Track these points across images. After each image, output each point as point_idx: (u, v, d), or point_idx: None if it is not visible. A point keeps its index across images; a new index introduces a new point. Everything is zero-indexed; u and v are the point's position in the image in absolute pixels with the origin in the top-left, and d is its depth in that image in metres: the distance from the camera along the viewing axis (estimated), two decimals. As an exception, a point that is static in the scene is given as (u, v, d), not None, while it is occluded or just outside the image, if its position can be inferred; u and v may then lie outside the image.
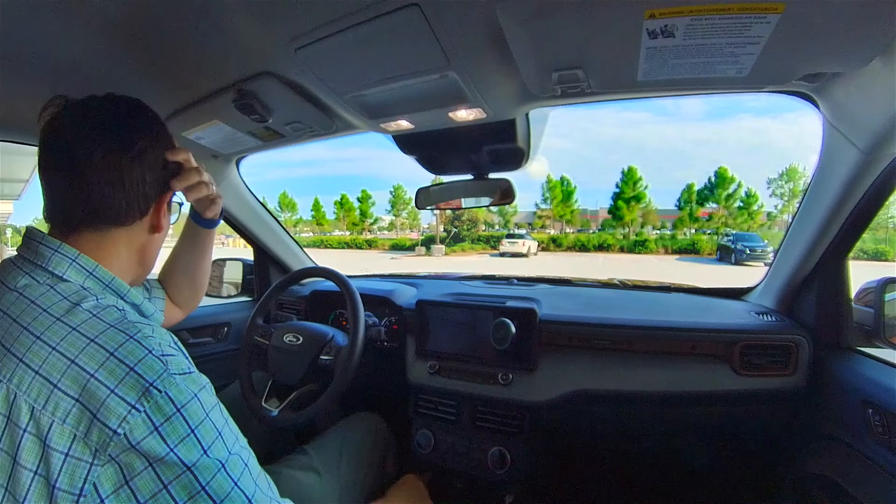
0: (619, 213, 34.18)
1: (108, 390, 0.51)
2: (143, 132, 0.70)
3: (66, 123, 0.66)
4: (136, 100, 0.73)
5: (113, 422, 0.50)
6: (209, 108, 1.18)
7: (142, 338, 0.56)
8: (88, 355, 0.53)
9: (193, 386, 0.56)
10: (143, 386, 0.52)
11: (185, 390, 0.55)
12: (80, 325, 0.56)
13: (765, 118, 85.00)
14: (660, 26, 0.72)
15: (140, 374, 0.53)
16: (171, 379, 0.54)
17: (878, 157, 0.94)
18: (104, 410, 0.50)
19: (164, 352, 0.57)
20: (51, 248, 0.63)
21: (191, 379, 0.57)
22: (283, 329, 1.35)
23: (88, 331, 0.55)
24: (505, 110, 1.13)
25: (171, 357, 0.57)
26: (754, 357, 1.25)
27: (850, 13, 0.66)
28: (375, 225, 45.27)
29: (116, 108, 0.70)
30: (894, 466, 0.93)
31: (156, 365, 0.54)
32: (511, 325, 1.35)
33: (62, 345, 0.54)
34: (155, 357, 0.55)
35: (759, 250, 21.53)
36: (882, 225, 30.15)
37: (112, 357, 0.53)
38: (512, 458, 1.36)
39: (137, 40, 0.88)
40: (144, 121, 0.72)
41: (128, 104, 0.71)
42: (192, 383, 0.57)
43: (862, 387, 1.06)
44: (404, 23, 0.77)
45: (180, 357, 0.59)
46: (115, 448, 0.50)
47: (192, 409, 0.54)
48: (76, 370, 0.52)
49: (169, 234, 0.82)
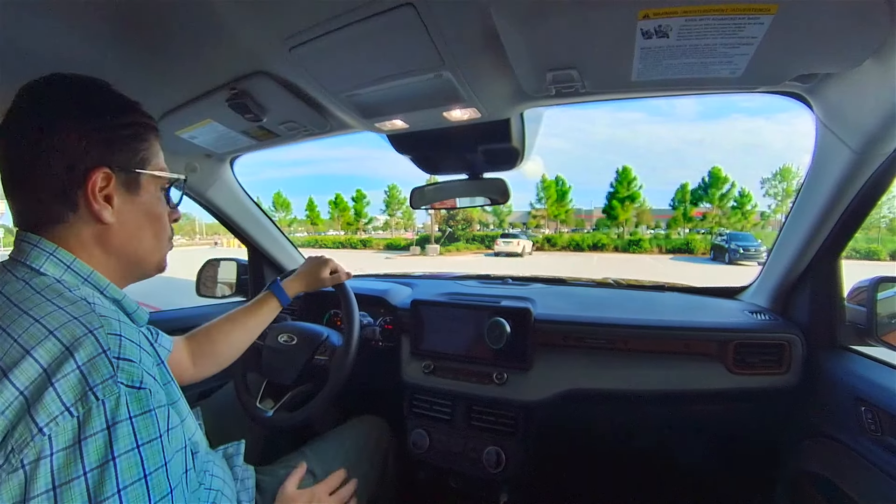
0: (614, 213, 34.48)
1: (50, 385, 0.47)
2: (46, 113, 0.62)
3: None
4: (54, 75, 0.64)
5: (42, 419, 0.46)
6: (203, 108, 1.17)
7: (102, 334, 0.52)
8: (45, 348, 0.49)
9: (136, 406, 0.51)
10: (83, 388, 0.48)
11: (122, 406, 0.49)
12: (44, 317, 0.53)
13: (758, 118, 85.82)
14: (654, 27, 0.72)
15: (85, 374, 0.49)
16: (114, 388, 0.49)
17: (870, 156, 0.95)
18: (37, 405, 0.46)
19: (121, 354, 0.52)
20: (30, 244, 0.62)
21: (137, 396, 0.51)
22: (278, 329, 1.34)
23: (51, 322, 0.52)
24: (499, 110, 1.13)
25: (126, 364, 0.52)
26: (748, 356, 1.25)
27: (842, 15, 0.67)
28: (370, 224, 45.37)
29: (30, 93, 0.63)
30: (887, 463, 0.93)
31: (104, 368, 0.50)
32: (506, 324, 1.35)
33: (23, 336, 0.51)
34: (107, 358, 0.50)
35: (753, 250, 21.65)
36: (874, 224, 30.55)
37: (66, 350, 0.49)
38: (507, 458, 1.36)
39: (130, 38, 0.87)
40: (53, 100, 0.63)
41: (45, 83, 0.64)
42: (137, 402, 0.51)
43: (855, 385, 1.07)
44: (399, 22, 0.77)
45: (137, 367, 0.53)
46: (32, 452, 0.45)
47: (122, 433, 0.49)
48: (29, 361, 0.49)
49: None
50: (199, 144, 1.42)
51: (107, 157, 0.64)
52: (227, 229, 1.89)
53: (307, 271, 1.28)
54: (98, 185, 0.63)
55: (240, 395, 1.29)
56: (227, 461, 0.92)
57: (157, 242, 0.74)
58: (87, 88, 0.66)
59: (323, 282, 1.29)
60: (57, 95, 0.63)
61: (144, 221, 0.71)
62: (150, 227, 0.72)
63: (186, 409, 0.67)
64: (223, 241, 28.68)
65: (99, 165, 0.63)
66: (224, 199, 1.74)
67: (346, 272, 1.35)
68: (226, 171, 1.69)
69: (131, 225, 0.68)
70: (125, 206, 0.67)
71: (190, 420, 0.68)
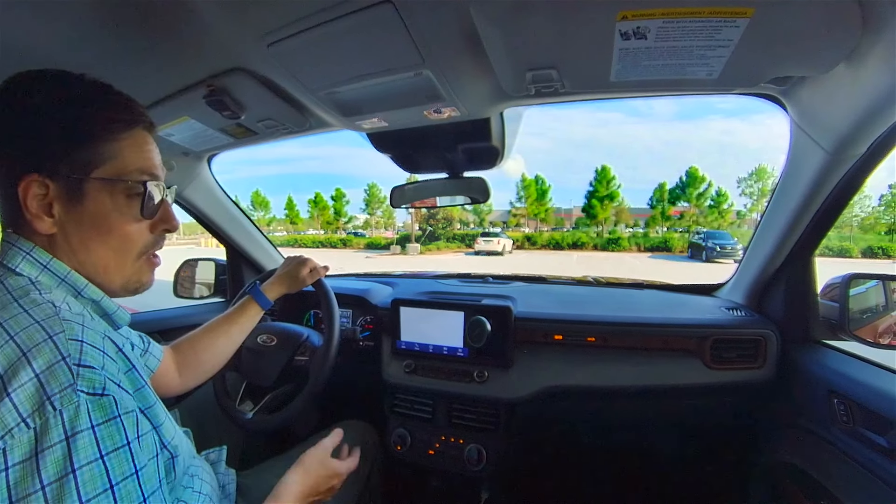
0: (593, 212, 34.82)
1: (6, 395, 0.45)
2: None
3: None
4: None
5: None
6: (179, 104, 1.14)
7: (63, 339, 0.49)
8: (4, 353, 0.47)
9: (98, 414, 0.48)
10: (40, 398, 0.45)
11: (83, 416, 0.46)
12: (8, 320, 0.50)
13: (734, 119, 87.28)
14: (632, 28, 0.73)
15: (42, 382, 0.46)
16: (73, 396, 0.46)
17: (842, 157, 0.97)
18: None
19: (82, 360, 0.49)
20: (10, 243, 0.60)
21: (100, 404, 0.48)
22: (258, 330, 1.32)
23: (13, 326, 0.49)
24: (479, 109, 1.13)
25: (87, 371, 0.49)
26: (724, 351, 1.28)
27: (816, 21, 0.68)
28: (350, 224, 44.99)
29: None
30: (858, 452, 0.97)
31: (63, 375, 0.47)
32: (486, 323, 1.36)
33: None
34: (66, 365, 0.48)
35: (729, 248, 21.96)
36: (847, 223, 31.45)
37: (23, 357, 0.47)
38: (488, 455, 1.37)
39: (103, 32, 0.85)
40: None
41: None
42: (100, 410, 0.48)
43: (828, 378, 1.10)
44: (378, 20, 0.76)
45: (99, 374, 0.50)
46: None
47: (82, 443, 0.46)
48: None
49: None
50: (176, 142, 1.39)
51: (41, 161, 0.59)
52: (205, 229, 1.86)
53: (286, 273, 1.26)
54: (34, 193, 0.58)
55: (219, 397, 1.27)
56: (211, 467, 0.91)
57: (117, 258, 0.66)
58: (20, 85, 0.60)
59: (303, 281, 1.27)
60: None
61: (92, 234, 0.63)
62: (99, 239, 0.63)
63: (164, 413, 0.64)
64: (202, 241, 28.12)
65: (28, 172, 0.58)
66: (202, 199, 1.71)
67: (325, 266, 1.33)
68: (203, 170, 1.66)
69: (75, 238, 0.62)
70: (68, 217, 0.61)
71: (168, 423, 0.65)
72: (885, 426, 0.91)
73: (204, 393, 1.38)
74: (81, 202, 0.61)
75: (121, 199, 0.64)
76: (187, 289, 1.91)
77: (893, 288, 1.18)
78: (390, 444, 1.48)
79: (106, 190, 0.62)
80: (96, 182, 0.61)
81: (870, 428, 0.95)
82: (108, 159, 0.62)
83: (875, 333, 1.13)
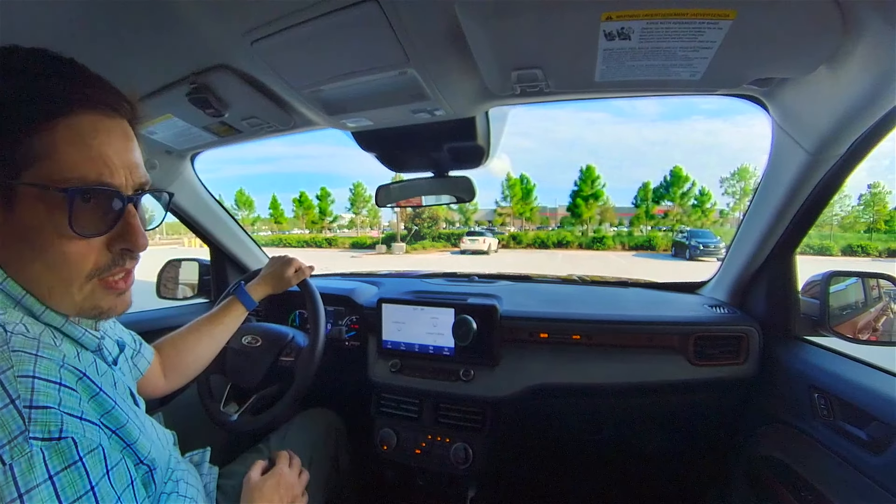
0: (578, 211, 35.04)
1: None
2: None
3: None
4: None
5: None
6: (162, 102, 1.12)
7: (10, 378, 0.43)
8: None
9: (56, 461, 0.42)
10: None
11: (37, 467, 0.40)
12: None
13: (717, 120, 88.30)
14: (616, 28, 0.73)
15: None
16: (24, 446, 0.40)
17: (823, 158, 0.98)
18: None
19: (34, 401, 0.43)
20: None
21: (56, 449, 0.42)
22: (242, 331, 1.31)
23: None
24: (465, 108, 1.13)
25: (41, 413, 0.43)
26: (708, 347, 1.30)
27: (797, 23, 0.69)
28: (335, 223, 44.68)
29: None
30: (837, 445, 0.99)
31: (12, 422, 0.41)
32: (472, 321, 1.36)
33: None
34: (16, 409, 0.42)
35: (712, 246, 22.21)
36: (827, 222, 32.15)
37: None
38: (474, 453, 1.37)
39: (85, 27, 0.83)
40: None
41: None
42: (57, 456, 0.42)
43: (808, 373, 1.12)
44: (363, 18, 0.76)
45: (55, 414, 0.44)
46: None
47: (39, 497, 0.40)
48: None
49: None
50: (159, 140, 1.37)
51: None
52: (189, 228, 1.83)
53: (271, 273, 1.25)
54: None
55: (203, 399, 1.26)
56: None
57: (59, 280, 0.54)
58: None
59: (288, 281, 1.26)
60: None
61: (22, 247, 0.52)
62: (33, 256, 0.53)
63: (138, 429, 0.58)
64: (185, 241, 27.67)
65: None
66: (185, 198, 1.68)
67: (310, 266, 1.32)
68: (186, 169, 1.63)
69: (10, 251, 0.52)
70: (1, 227, 0.51)
71: (143, 438, 0.58)
72: (864, 419, 0.93)
73: (189, 395, 1.37)
74: (12, 209, 0.50)
75: (57, 209, 0.51)
76: (170, 290, 1.88)
77: (872, 285, 1.21)
78: (377, 445, 1.47)
79: (38, 197, 0.50)
80: (29, 185, 0.50)
81: (849, 421, 0.97)
82: (39, 157, 0.50)
83: (854, 329, 1.16)
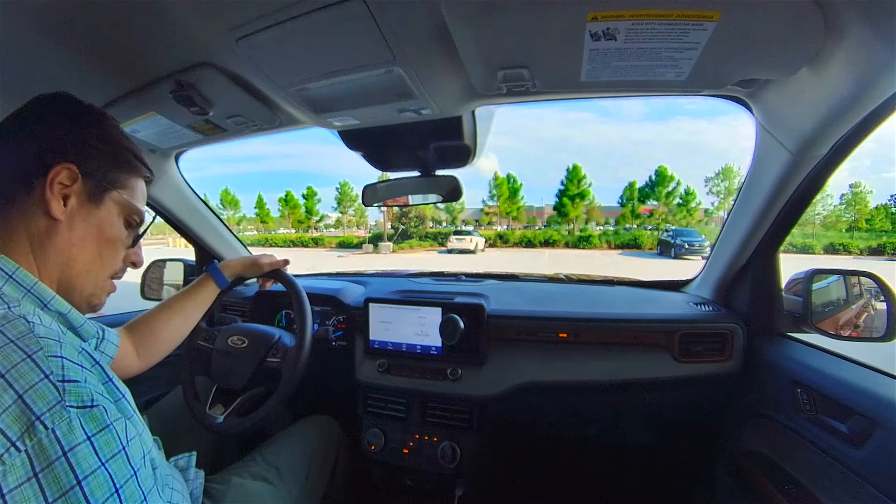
0: (564, 210, 35.14)
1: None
2: (43, 110, 0.66)
3: None
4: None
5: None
6: (146, 99, 1.11)
7: (42, 357, 0.48)
8: None
9: (91, 424, 0.48)
10: (28, 419, 0.44)
11: (76, 429, 0.46)
12: None
13: (701, 120, 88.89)
14: (602, 29, 0.74)
15: (28, 403, 0.45)
16: (63, 413, 0.46)
17: (806, 158, 1.00)
18: None
19: (66, 376, 0.49)
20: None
21: (91, 415, 0.48)
22: (228, 332, 1.29)
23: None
24: (451, 107, 1.13)
25: (73, 385, 0.49)
26: (693, 345, 1.31)
27: (780, 25, 0.70)
28: (322, 222, 44.28)
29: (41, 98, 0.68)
30: (819, 439, 1.01)
31: (49, 393, 0.46)
32: (459, 321, 1.35)
33: None
34: (51, 383, 0.47)
35: (697, 245, 22.38)
36: (809, 221, 32.71)
37: (1, 379, 0.45)
38: (462, 452, 1.37)
39: (69, 24, 0.82)
40: (57, 103, 0.68)
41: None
42: (91, 421, 0.48)
43: (791, 368, 1.14)
44: (348, 16, 0.76)
45: (84, 387, 0.50)
46: None
47: (82, 455, 0.46)
48: None
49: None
50: (142, 139, 1.35)
51: (81, 160, 0.64)
52: (173, 228, 1.81)
53: (245, 257, 1.26)
54: (59, 179, 0.62)
55: (188, 401, 1.24)
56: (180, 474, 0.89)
57: (99, 266, 0.70)
58: (91, 109, 0.70)
59: (261, 267, 1.25)
60: (59, 104, 0.67)
61: (94, 235, 0.68)
62: (96, 244, 0.68)
63: (142, 424, 0.63)
64: (170, 241, 27.26)
65: (70, 162, 0.63)
66: (169, 197, 1.66)
67: (284, 259, 1.31)
68: (171, 167, 1.61)
69: (78, 231, 0.66)
70: (79, 212, 0.66)
71: (146, 435, 0.64)
72: (845, 413, 0.95)
73: (173, 398, 1.35)
74: (97, 207, 0.68)
75: (122, 221, 0.72)
76: (155, 290, 1.85)
77: (853, 282, 1.23)
78: (364, 444, 1.47)
79: (117, 208, 0.71)
80: (114, 197, 0.70)
81: (831, 415, 0.99)
82: (128, 188, 0.72)
83: (836, 326, 1.18)
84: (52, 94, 0.67)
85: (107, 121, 0.71)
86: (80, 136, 0.66)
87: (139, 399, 1.19)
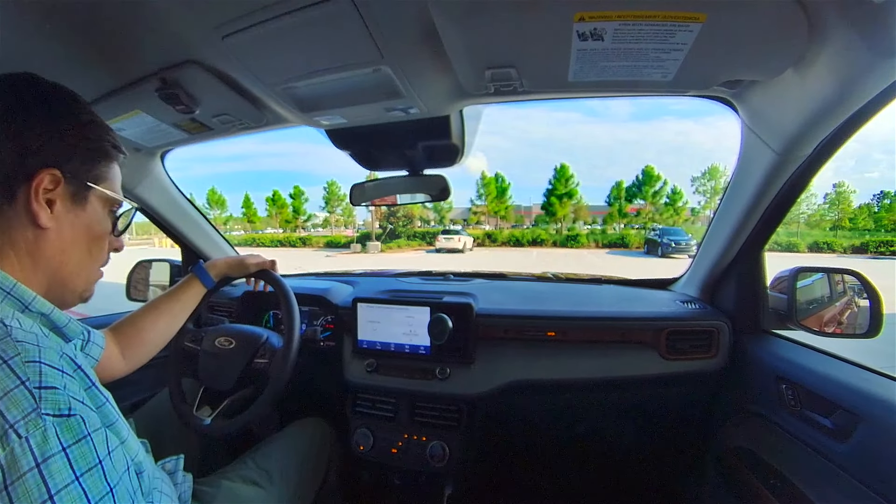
0: (552, 210, 35.40)
1: None
2: (11, 103, 0.60)
3: None
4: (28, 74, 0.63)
5: None
6: (131, 97, 1.10)
7: (18, 363, 0.47)
8: None
9: (67, 435, 0.46)
10: (2, 427, 0.43)
11: (51, 439, 0.44)
12: None
13: (687, 121, 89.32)
14: (589, 29, 0.74)
15: (1, 410, 0.43)
16: (38, 421, 0.44)
17: (790, 158, 1.01)
18: None
19: (42, 382, 0.47)
20: None
21: (67, 425, 0.46)
22: (215, 332, 1.28)
23: None
24: (439, 106, 1.13)
25: (51, 391, 0.47)
26: (679, 342, 1.33)
27: (765, 27, 0.71)
28: (309, 222, 44.05)
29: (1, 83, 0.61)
30: (804, 433, 1.02)
31: (24, 400, 0.45)
32: (448, 320, 1.35)
33: None
34: (27, 390, 0.45)
35: (684, 244, 22.55)
36: (794, 220, 33.17)
37: None
38: (451, 451, 1.37)
39: (51, 20, 0.81)
40: (23, 93, 0.61)
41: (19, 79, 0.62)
42: (68, 431, 0.46)
43: (776, 365, 1.16)
44: (336, 14, 0.75)
45: (62, 394, 0.48)
46: None
47: (56, 467, 0.43)
48: None
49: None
50: (127, 137, 1.33)
51: (61, 162, 0.62)
52: (159, 228, 1.79)
53: (231, 258, 1.25)
54: (44, 186, 0.60)
55: (175, 403, 1.22)
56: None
57: (90, 263, 0.70)
58: (60, 93, 0.65)
59: (247, 267, 1.24)
60: (28, 91, 0.62)
61: (82, 236, 0.67)
62: (85, 244, 0.68)
63: (126, 429, 0.62)
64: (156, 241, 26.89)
65: (51, 166, 0.60)
66: (155, 197, 1.64)
67: (271, 260, 1.30)
68: (156, 167, 1.59)
69: (67, 236, 0.64)
70: (66, 216, 0.64)
71: (132, 440, 0.62)
72: (829, 408, 0.96)
73: (160, 400, 1.33)
74: (83, 207, 0.66)
75: (107, 213, 0.71)
76: (141, 291, 1.83)
77: (837, 280, 1.25)
78: (353, 445, 1.46)
79: (101, 202, 0.69)
80: (98, 193, 0.68)
81: (815, 411, 1.00)
82: (109, 178, 0.70)
83: (820, 322, 1.20)
84: (16, 76, 0.62)
85: (77, 105, 0.67)
86: (56, 130, 0.62)
87: (125, 402, 1.18)
